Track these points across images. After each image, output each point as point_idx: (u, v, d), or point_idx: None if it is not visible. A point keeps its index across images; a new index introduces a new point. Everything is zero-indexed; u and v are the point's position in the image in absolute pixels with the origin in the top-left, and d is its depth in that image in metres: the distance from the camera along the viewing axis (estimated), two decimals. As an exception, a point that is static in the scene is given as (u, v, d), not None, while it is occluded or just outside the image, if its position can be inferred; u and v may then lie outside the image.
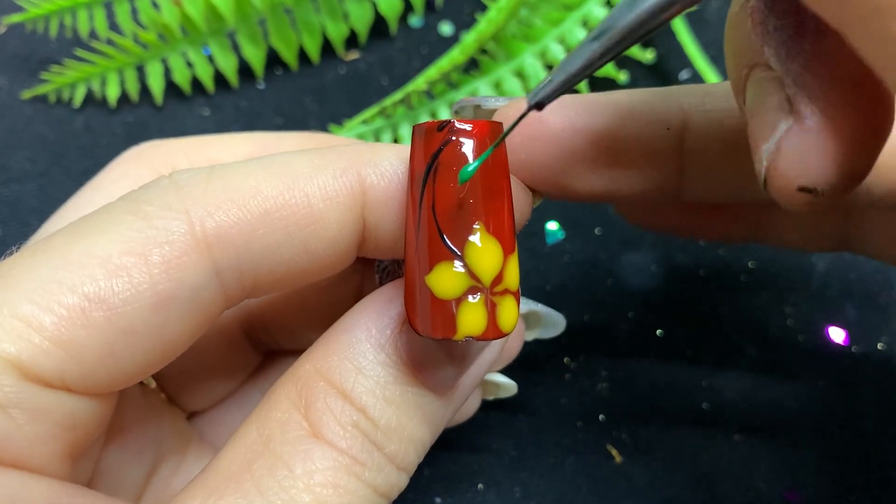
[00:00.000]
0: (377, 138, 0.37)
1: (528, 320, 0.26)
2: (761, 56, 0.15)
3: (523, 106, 0.19)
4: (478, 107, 0.22)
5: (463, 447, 0.31)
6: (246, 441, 0.18)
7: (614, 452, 0.31)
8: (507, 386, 0.28)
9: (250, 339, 0.26)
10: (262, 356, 0.27)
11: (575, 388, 0.33)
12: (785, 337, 0.33)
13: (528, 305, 0.26)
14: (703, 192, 0.21)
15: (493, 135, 0.18)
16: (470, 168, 0.17)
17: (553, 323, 0.26)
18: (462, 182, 0.17)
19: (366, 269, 0.25)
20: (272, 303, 0.25)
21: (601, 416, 0.32)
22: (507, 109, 0.21)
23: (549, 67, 0.36)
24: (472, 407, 0.28)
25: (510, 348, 0.26)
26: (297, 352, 0.20)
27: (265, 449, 0.18)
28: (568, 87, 0.16)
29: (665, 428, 0.32)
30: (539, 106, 0.17)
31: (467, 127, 0.17)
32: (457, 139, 0.17)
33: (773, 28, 0.15)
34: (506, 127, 0.18)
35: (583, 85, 0.36)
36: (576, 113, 0.20)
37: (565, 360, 0.33)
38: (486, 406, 0.29)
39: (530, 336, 0.27)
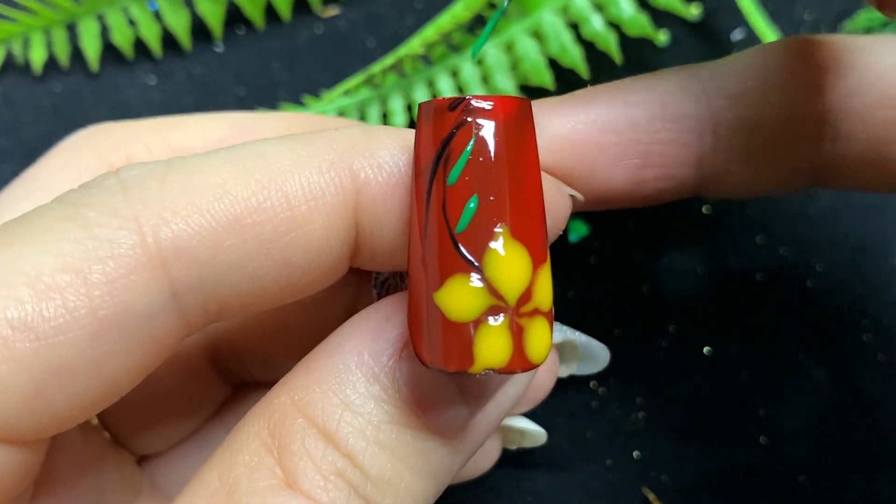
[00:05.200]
0: (362, 113, 0.36)
1: (562, 352, 0.26)
2: None
3: None
4: None
5: (468, 491, 0.31)
6: (206, 490, 0.18)
7: (652, 497, 0.31)
8: (535, 434, 0.27)
9: (217, 368, 0.26)
10: (232, 389, 0.27)
11: (604, 419, 0.33)
12: (861, 355, 0.33)
13: (562, 334, 0.25)
14: (731, 192, 0.25)
15: (520, 114, 0.17)
16: (479, 41, 0.17)
17: (593, 356, 0.26)
18: (474, 55, 0.17)
19: (361, 283, 0.24)
20: (244, 324, 0.25)
21: (636, 454, 0.32)
22: None
23: (574, 26, 0.36)
24: (488, 458, 0.27)
25: (539, 387, 0.25)
26: (273, 384, 0.20)
27: (228, 501, 0.17)
28: None
29: (713, 468, 0.32)
30: None
31: (487, 105, 0.17)
32: (473, 120, 0.17)
33: None
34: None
35: (613, 49, 0.36)
36: (592, 115, 0.22)
37: (592, 384, 0.33)
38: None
39: (565, 372, 0.27)
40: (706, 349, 0.33)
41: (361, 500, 0.18)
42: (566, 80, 0.36)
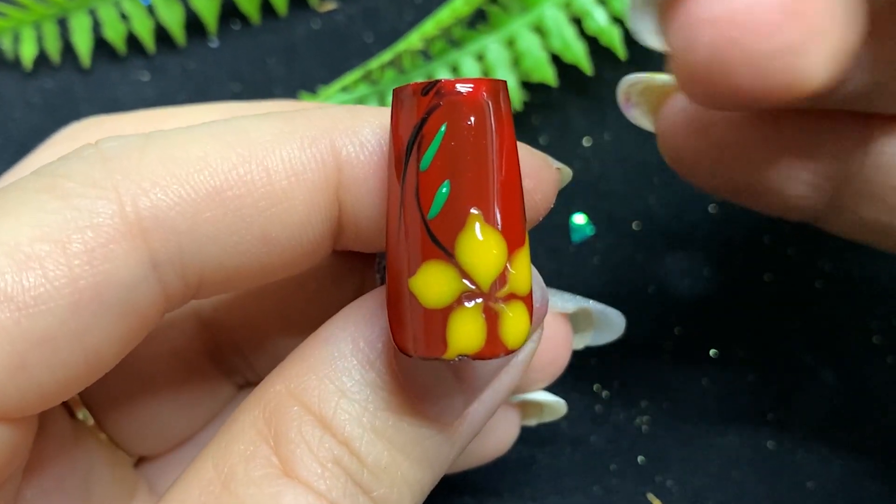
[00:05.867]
0: (360, 109, 0.36)
1: (576, 321, 0.26)
2: None
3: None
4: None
5: (466, 497, 0.31)
6: (200, 480, 0.18)
7: (657, 503, 0.31)
8: (554, 405, 0.27)
9: (219, 366, 0.26)
10: (236, 389, 0.27)
11: (607, 423, 0.32)
12: (871, 358, 0.33)
13: (576, 303, 0.26)
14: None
15: (493, 96, 0.17)
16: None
17: (608, 324, 0.26)
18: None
19: (366, 273, 0.24)
20: (246, 317, 0.25)
21: (640, 459, 0.32)
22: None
23: (577, 20, 0.36)
24: (507, 438, 0.27)
25: (555, 360, 0.25)
26: None
27: (224, 490, 0.18)
28: None
29: (721, 473, 0.32)
30: None
31: (459, 88, 0.17)
32: (445, 104, 0.17)
33: None
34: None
35: (617, 45, 0.36)
36: None
37: (595, 387, 0.33)
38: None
39: (580, 343, 0.26)
40: (712, 351, 0.33)
41: (357, 487, 0.18)
42: (569, 77, 0.36)
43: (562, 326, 0.25)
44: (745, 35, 0.17)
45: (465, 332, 0.17)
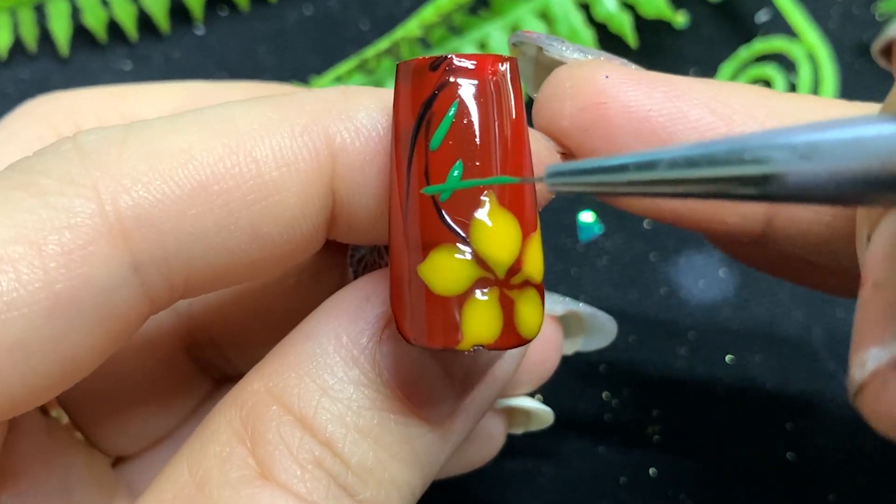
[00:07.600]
0: (354, 100, 0.36)
1: (567, 325, 0.26)
2: None
3: (602, 72, 0.20)
4: (541, 50, 0.22)
5: (468, 509, 0.31)
6: (174, 484, 0.18)
7: (669, 518, 0.31)
8: (541, 414, 0.27)
9: (196, 361, 0.26)
10: (213, 384, 0.27)
11: (617, 434, 0.32)
12: (896, 364, 0.33)
13: (566, 305, 0.26)
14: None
15: (506, 73, 0.18)
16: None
17: (600, 329, 0.26)
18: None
19: (347, 265, 0.24)
20: (223, 311, 0.25)
21: (652, 471, 0.32)
22: (580, 70, 0.21)
23: (585, 7, 0.36)
24: (494, 445, 0.27)
25: (544, 363, 0.25)
26: None
27: (199, 494, 0.18)
28: (598, 189, 0.16)
29: (736, 486, 0.31)
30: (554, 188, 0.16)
31: (470, 64, 0.17)
32: (456, 81, 0.17)
33: None
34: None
35: (627, 32, 0.36)
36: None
37: (604, 395, 0.33)
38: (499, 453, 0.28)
39: (571, 348, 0.27)
40: (728, 357, 0.33)
41: (342, 490, 0.18)
42: (576, 66, 0.36)
43: (551, 328, 0.26)
44: None
45: (482, 322, 0.17)
